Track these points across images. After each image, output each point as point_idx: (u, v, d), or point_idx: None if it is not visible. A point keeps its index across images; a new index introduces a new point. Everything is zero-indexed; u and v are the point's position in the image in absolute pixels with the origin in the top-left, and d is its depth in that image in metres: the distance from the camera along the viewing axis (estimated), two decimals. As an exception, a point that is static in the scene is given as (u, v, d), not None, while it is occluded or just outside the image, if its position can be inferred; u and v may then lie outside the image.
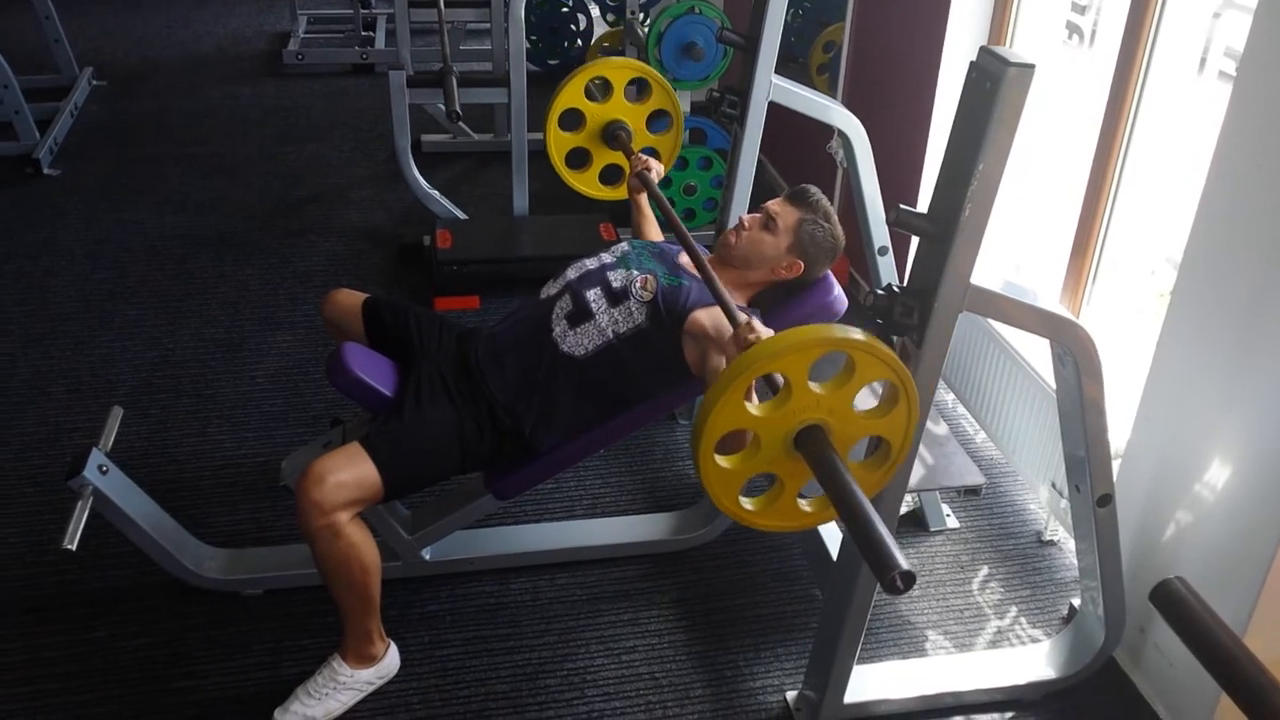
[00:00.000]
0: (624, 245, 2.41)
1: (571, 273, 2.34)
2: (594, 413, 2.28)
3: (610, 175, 3.01)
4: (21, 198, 4.55)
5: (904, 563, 1.37)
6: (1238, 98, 2.05)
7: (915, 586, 2.61)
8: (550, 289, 2.34)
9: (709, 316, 2.15)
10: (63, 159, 4.92)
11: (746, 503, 1.69)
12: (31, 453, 2.97)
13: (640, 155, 2.75)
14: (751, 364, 1.54)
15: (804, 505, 1.72)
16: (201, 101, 5.79)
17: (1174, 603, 1.29)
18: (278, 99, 5.85)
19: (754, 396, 1.72)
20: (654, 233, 2.70)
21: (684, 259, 2.41)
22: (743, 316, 1.93)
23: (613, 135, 2.91)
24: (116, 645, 2.38)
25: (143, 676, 2.31)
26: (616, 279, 2.27)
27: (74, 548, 2.04)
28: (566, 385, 2.23)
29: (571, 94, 2.87)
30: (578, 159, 2.97)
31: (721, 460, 1.62)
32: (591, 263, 2.34)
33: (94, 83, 5.80)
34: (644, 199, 2.69)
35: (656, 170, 2.67)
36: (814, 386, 1.59)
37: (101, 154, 5.05)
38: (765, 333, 1.86)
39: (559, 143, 2.92)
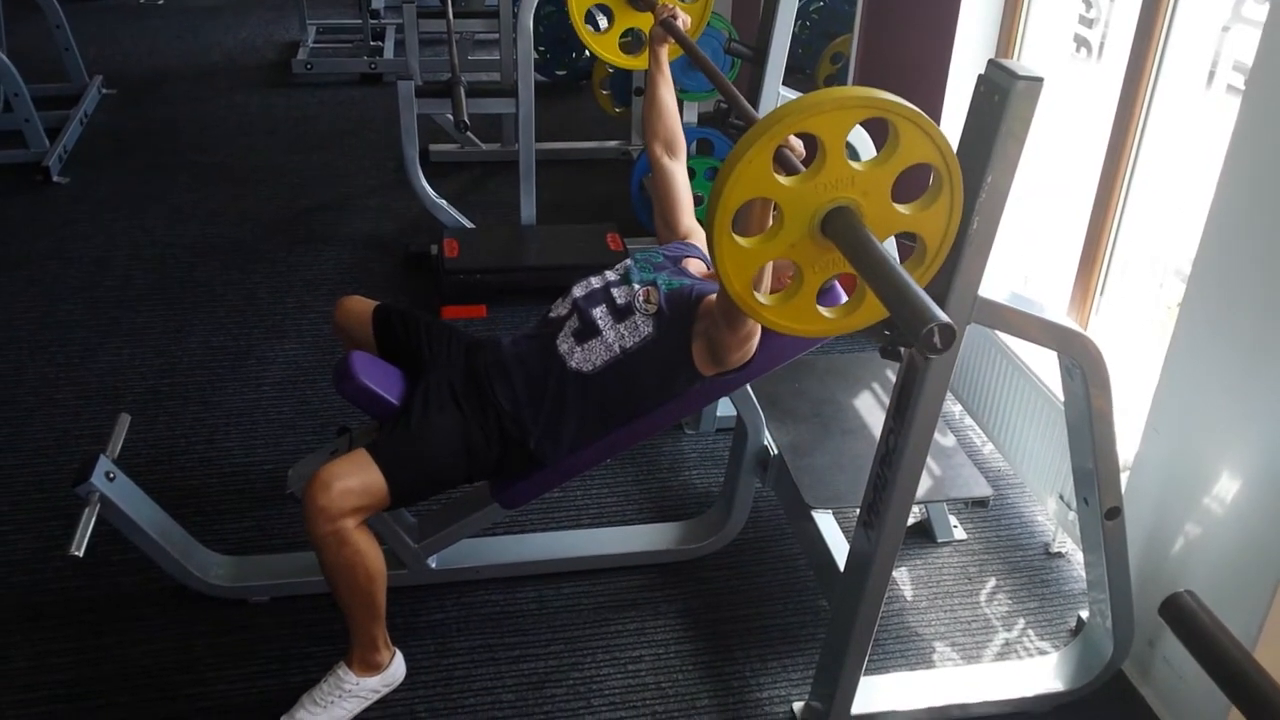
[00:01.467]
0: (627, 261, 2.41)
1: (577, 291, 2.33)
2: (601, 426, 2.28)
3: (629, 42, 2.85)
4: (31, 205, 4.57)
5: (941, 315, 1.23)
6: (1246, 111, 2.05)
7: (923, 597, 2.63)
8: (559, 309, 2.33)
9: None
10: (72, 167, 4.94)
11: (761, 296, 1.54)
12: (39, 459, 2.98)
13: (666, 4, 2.57)
14: (785, 117, 1.34)
15: (824, 311, 1.56)
16: (210, 111, 5.81)
17: (1184, 617, 1.28)
18: (287, 108, 5.88)
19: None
20: (670, 99, 2.55)
21: (690, 264, 2.41)
22: None
23: None
24: (123, 652, 2.39)
25: (149, 683, 2.31)
26: (620, 295, 2.27)
27: (81, 554, 2.04)
28: (574, 400, 2.22)
29: None
30: (599, 16, 2.83)
31: (740, 240, 1.46)
32: (596, 281, 2.35)
33: (104, 91, 5.82)
34: (664, 53, 2.54)
35: (683, 20, 2.53)
36: (851, 163, 1.42)
37: (111, 162, 5.07)
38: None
39: None
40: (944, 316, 1.22)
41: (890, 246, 1.44)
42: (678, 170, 2.54)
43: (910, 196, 1.49)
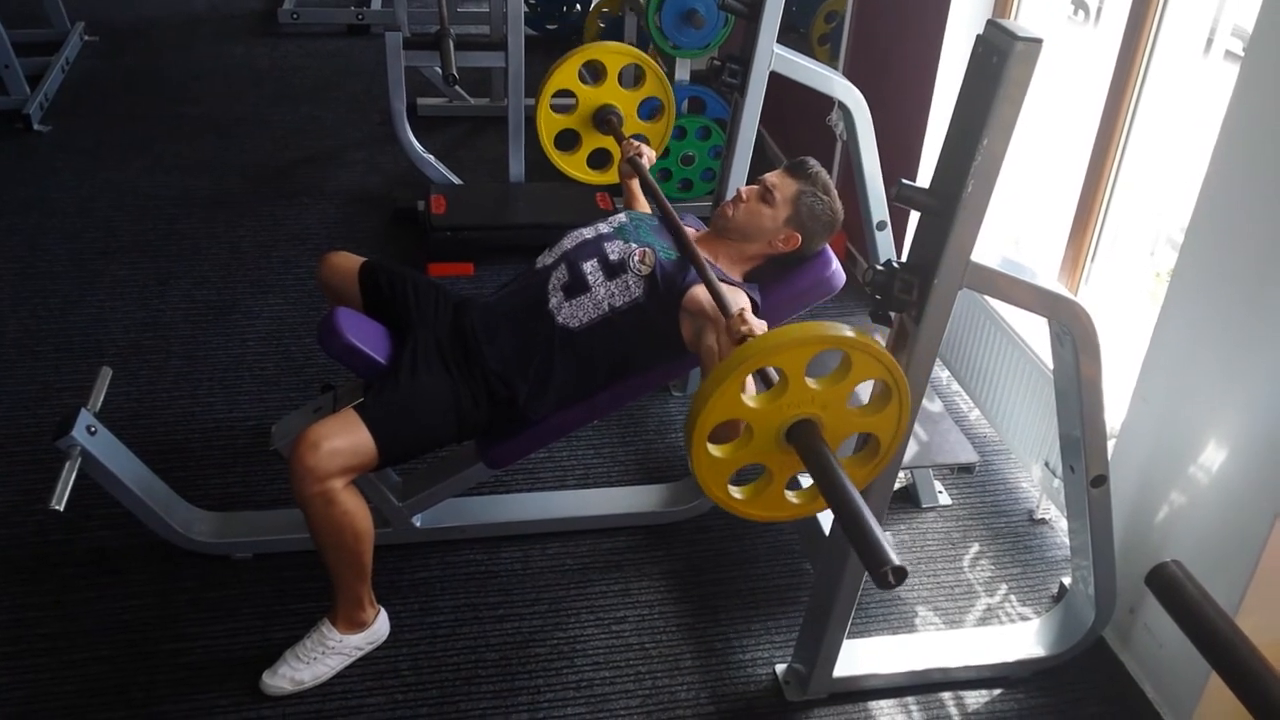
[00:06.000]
0: (621, 216, 2.39)
1: (568, 242, 2.31)
2: (588, 384, 2.27)
3: (597, 160, 3.02)
4: (11, 154, 4.50)
5: (895, 558, 1.42)
6: (1245, 78, 2.03)
7: (907, 562, 2.64)
8: (546, 259, 2.31)
9: (708, 295, 2.13)
10: (53, 115, 4.85)
11: (735, 491, 1.72)
12: (20, 412, 2.95)
13: (632, 140, 2.75)
14: (750, 357, 1.57)
15: (791, 497, 1.75)
16: (195, 60, 5.72)
17: (1170, 586, 1.28)
18: (272, 59, 5.79)
19: (749, 387, 1.74)
20: (643, 208, 2.67)
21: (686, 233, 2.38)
22: (735, 306, 1.96)
23: (604, 120, 2.92)
24: (105, 607, 2.38)
25: (130, 638, 2.31)
26: (614, 251, 2.25)
27: (61, 508, 2.02)
28: (562, 356, 2.21)
29: (565, 75, 2.88)
30: (567, 141, 2.98)
31: (714, 449, 1.65)
32: (588, 233, 2.32)
33: (86, 38, 5.71)
34: (635, 184, 2.68)
35: (648, 156, 2.67)
36: (810, 382, 1.62)
37: (93, 111, 4.98)
38: (757, 325, 1.91)
39: (549, 124, 2.93)
40: (896, 559, 1.42)
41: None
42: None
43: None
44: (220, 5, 6.61)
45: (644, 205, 2.68)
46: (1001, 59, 1.56)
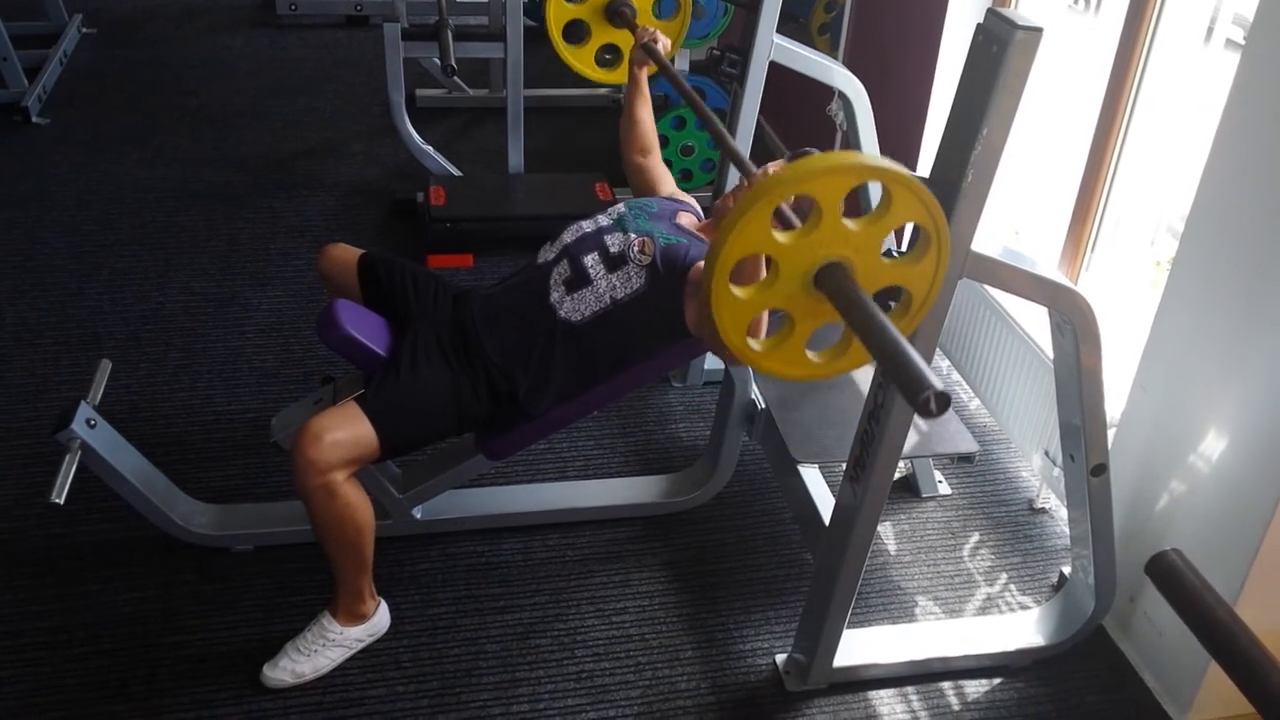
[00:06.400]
0: (620, 207, 2.38)
1: (568, 237, 2.30)
2: (590, 376, 2.27)
3: (606, 57, 2.91)
4: (10, 146, 4.49)
5: (937, 383, 1.26)
6: (1246, 66, 2.02)
7: (907, 552, 2.64)
8: (547, 253, 2.31)
9: None
10: (51, 108, 4.85)
11: (753, 342, 1.57)
12: (20, 405, 2.95)
13: (647, 27, 2.63)
14: (785, 181, 1.40)
15: (812, 356, 1.60)
16: (193, 52, 5.71)
17: (1170, 575, 1.28)
18: (270, 50, 5.77)
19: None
20: (647, 116, 2.61)
21: (683, 218, 2.38)
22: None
23: (616, 12, 2.79)
24: (106, 600, 2.38)
25: (132, 631, 2.31)
26: (614, 243, 2.24)
27: (62, 501, 2.02)
28: (564, 351, 2.20)
29: None
30: (576, 33, 2.85)
31: (736, 290, 1.50)
32: (588, 226, 2.31)
33: (84, 30, 5.70)
34: (644, 76, 2.59)
35: (664, 44, 2.57)
36: (846, 221, 1.47)
37: (91, 103, 4.98)
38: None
39: (559, 12, 2.80)
40: (939, 384, 1.25)
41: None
42: (654, 162, 2.63)
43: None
44: (218, -3, 6.60)
45: (647, 101, 2.60)
46: (1001, 48, 1.55)
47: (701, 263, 2.15)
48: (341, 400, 2.14)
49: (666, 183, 2.62)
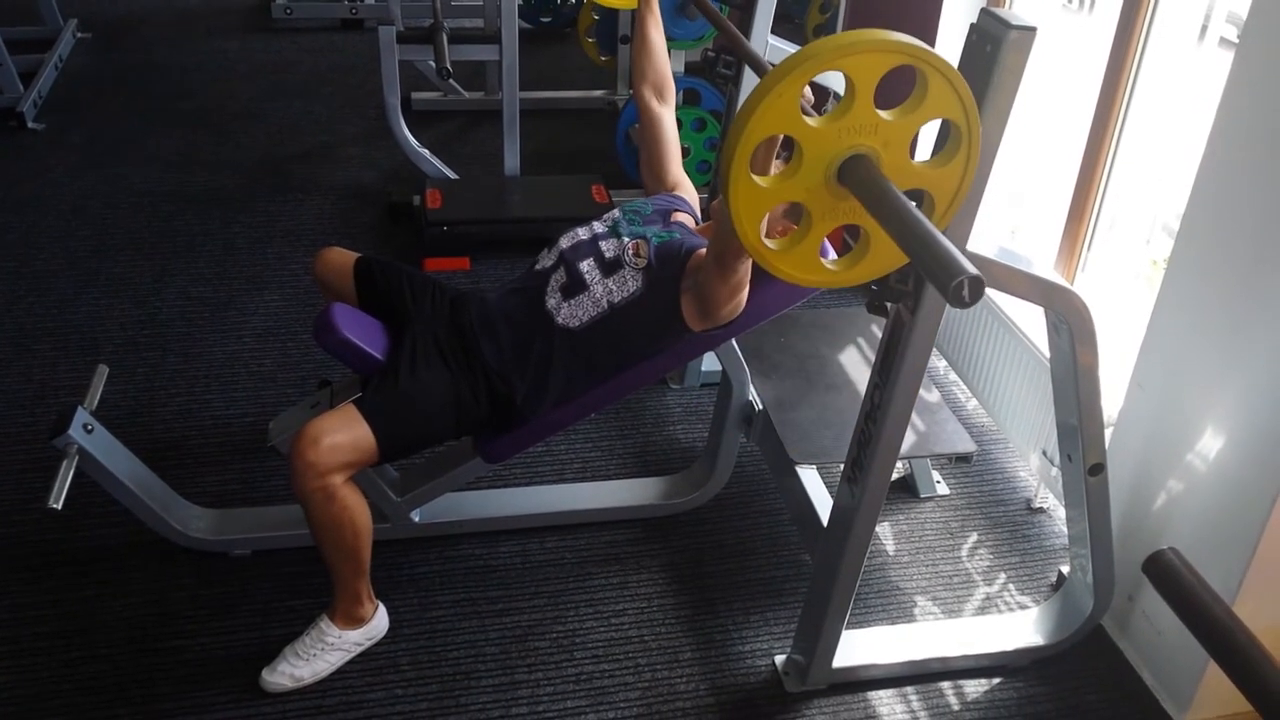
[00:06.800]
0: (615, 213, 2.37)
1: (564, 243, 2.30)
2: (588, 380, 2.26)
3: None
4: (5, 152, 4.49)
5: (971, 269, 1.20)
6: (1240, 65, 2.03)
7: (905, 552, 2.64)
8: (544, 261, 2.30)
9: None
10: (47, 113, 4.84)
11: (768, 241, 1.52)
12: (17, 411, 2.95)
13: None
14: (816, 55, 1.30)
15: (827, 263, 1.56)
16: (189, 55, 5.70)
17: (1167, 574, 1.28)
18: (266, 54, 5.77)
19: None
20: (659, 38, 2.50)
21: (679, 217, 2.38)
22: None
23: None
24: (103, 605, 2.38)
25: (130, 636, 2.30)
26: (609, 249, 2.24)
27: (59, 507, 2.02)
28: (561, 356, 2.20)
29: None
30: None
31: (756, 178, 1.42)
32: (584, 232, 2.31)
33: (79, 35, 5.70)
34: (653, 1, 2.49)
35: None
36: (879, 112, 1.41)
37: (87, 108, 4.97)
38: None
39: None
40: (973, 269, 1.19)
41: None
42: (666, 116, 2.51)
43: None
44: (214, 0, 6.59)
45: (658, 23, 2.50)
46: (996, 48, 1.55)
47: (700, 251, 2.15)
48: (339, 404, 2.13)
49: (674, 159, 2.53)
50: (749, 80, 2.82)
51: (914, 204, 1.43)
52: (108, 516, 2.55)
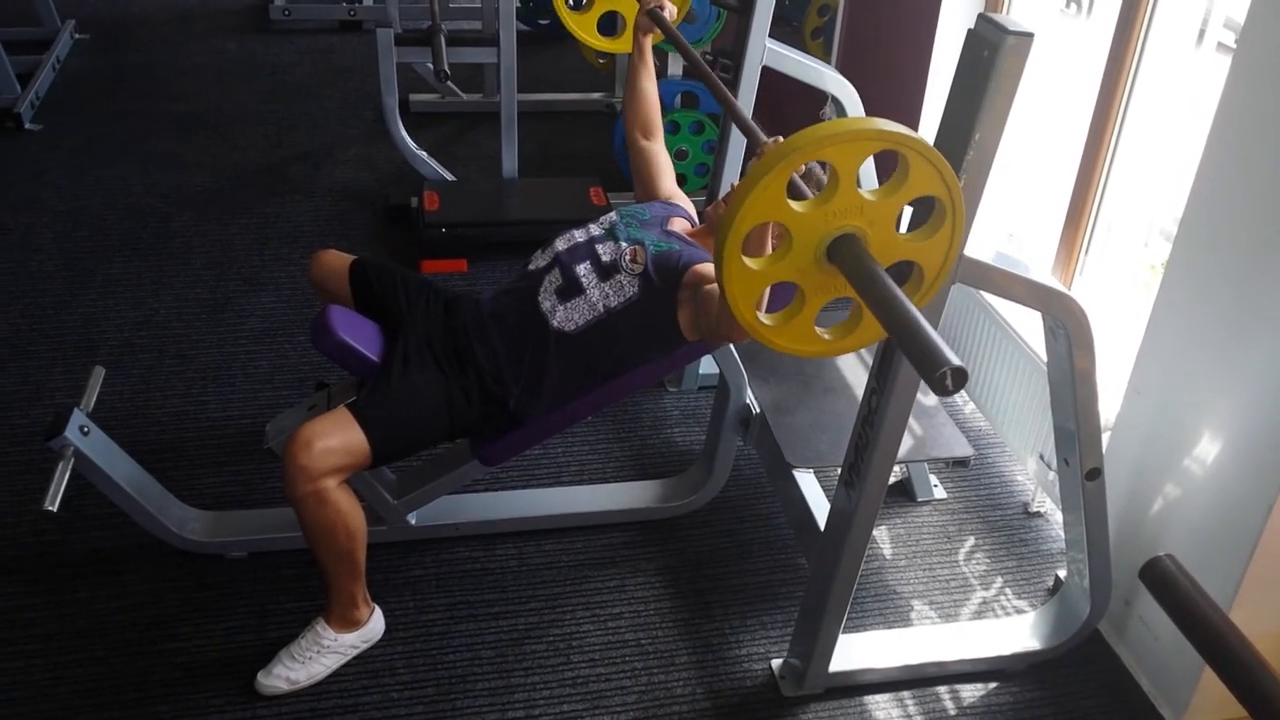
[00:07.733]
0: (612, 215, 2.37)
1: (560, 244, 2.30)
2: (583, 383, 2.26)
3: (608, 26, 2.91)
4: (2, 153, 4.48)
5: (954, 359, 1.23)
6: (1237, 70, 2.03)
7: (902, 556, 2.64)
8: (539, 261, 2.30)
9: (707, 267, 2.13)
10: (44, 114, 4.83)
11: (763, 316, 1.56)
12: (13, 412, 2.94)
13: None
14: (800, 148, 1.36)
15: (822, 333, 1.59)
16: (186, 57, 5.70)
17: (1163, 581, 1.28)
18: (264, 55, 5.77)
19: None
20: (650, 88, 2.55)
21: (675, 224, 2.38)
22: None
23: None
24: (99, 607, 2.37)
25: (125, 638, 2.30)
26: (606, 252, 2.24)
27: (55, 509, 2.02)
28: (556, 359, 2.20)
29: None
30: None
31: (747, 261, 1.48)
32: (580, 235, 2.31)
33: (76, 36, 5.70)
34: (648, 43, 2.54)
35: (670, 10, 2.51)
36: (861, 191, 1.45)
37: (84, 109, 4.97)
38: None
39: None
40: (955, 359, 1.23)
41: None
42: (656, 148, 2.58)
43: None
44: (211, 1, 6.59)
45: (651, 72, 2.55)
46: (993, 53, 1.56)
47: (697, 266, 2.16)
48: (336, 406, 2.13)
49: (667, 177, 2.57)
50: (747, 84, 2.82)
51: (906, 273, 1.54)
52: (104, 518, 2.55)
